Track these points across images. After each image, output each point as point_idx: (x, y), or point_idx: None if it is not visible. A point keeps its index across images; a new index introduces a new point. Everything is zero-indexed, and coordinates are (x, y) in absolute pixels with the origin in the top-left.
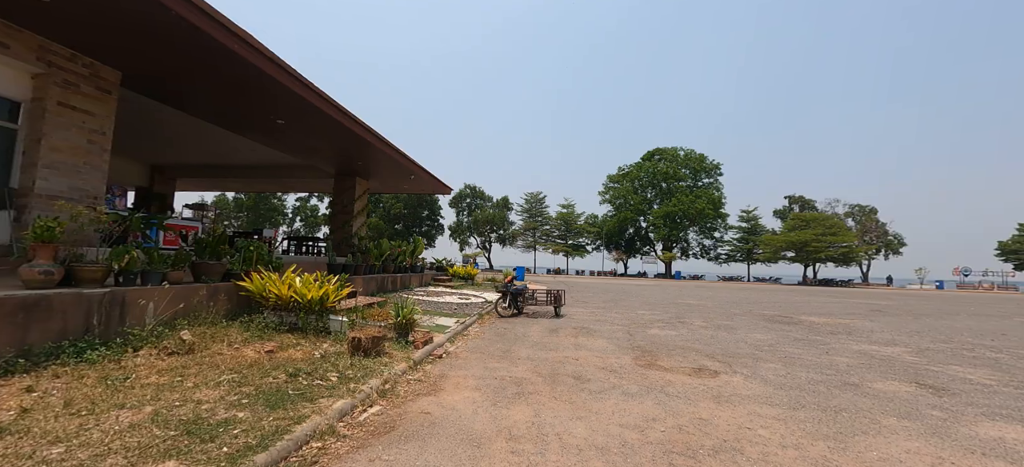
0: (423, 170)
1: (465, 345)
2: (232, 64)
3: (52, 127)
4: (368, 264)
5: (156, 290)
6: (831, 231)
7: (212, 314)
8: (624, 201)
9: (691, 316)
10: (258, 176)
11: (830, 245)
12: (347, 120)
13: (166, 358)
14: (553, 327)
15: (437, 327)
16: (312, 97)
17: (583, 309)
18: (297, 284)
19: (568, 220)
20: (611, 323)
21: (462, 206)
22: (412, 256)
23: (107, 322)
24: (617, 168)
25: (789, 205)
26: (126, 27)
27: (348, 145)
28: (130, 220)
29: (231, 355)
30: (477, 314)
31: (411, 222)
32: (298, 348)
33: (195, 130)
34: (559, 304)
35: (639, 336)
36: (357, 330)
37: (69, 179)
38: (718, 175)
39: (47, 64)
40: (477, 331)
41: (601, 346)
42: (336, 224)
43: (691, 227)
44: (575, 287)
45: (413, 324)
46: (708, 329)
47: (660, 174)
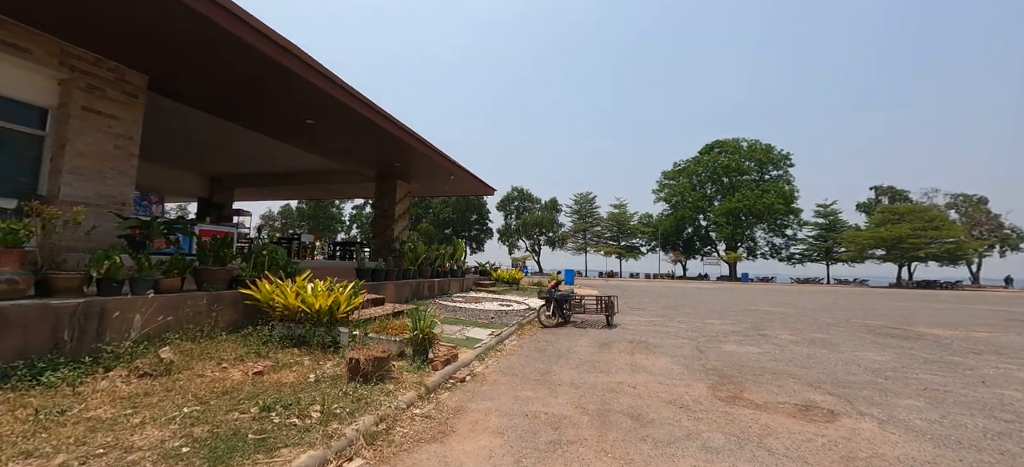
0: (463, 169)
1: (496, 364)
2: (257, 62)
3: (76, 132)
4: (401, 269)
5: (149, 300)
6: (932, 225)
7: (210, 326)
8: (681, 199)
9: (773, 326)
10: (305, 183)
11: (931, 241)
12: (376, 115)
13: (135, 381)
14: (604, 340)
15: (467, 340)
16: (338, 92)
17: (639, 317)
18: (307, 292)
19: (620, 220)
20: (674, 336)
21: (510, 209)
22: (451, 259)
23: (81, 337)
24: (672, 164)
25: (876, 197)
26: (150, 30)
27: (383, 145)
28: (151, 225)
29: (212, 378)
30: (516, 324)
31: (460, 226)
32: (295, 368)
33: (239, 139)
34: (611, 312)
35: (712, 353)
36: (358, 348)
37: (94, 185)
38: (788, 166)
39: (70, 69)
40: (514, 345)
41: (665, 367)
42: (378, 228)
43: (758, 224)
44: (629, 291)
45: (432, 339)
46: (800, 344)
47: (721, 168)
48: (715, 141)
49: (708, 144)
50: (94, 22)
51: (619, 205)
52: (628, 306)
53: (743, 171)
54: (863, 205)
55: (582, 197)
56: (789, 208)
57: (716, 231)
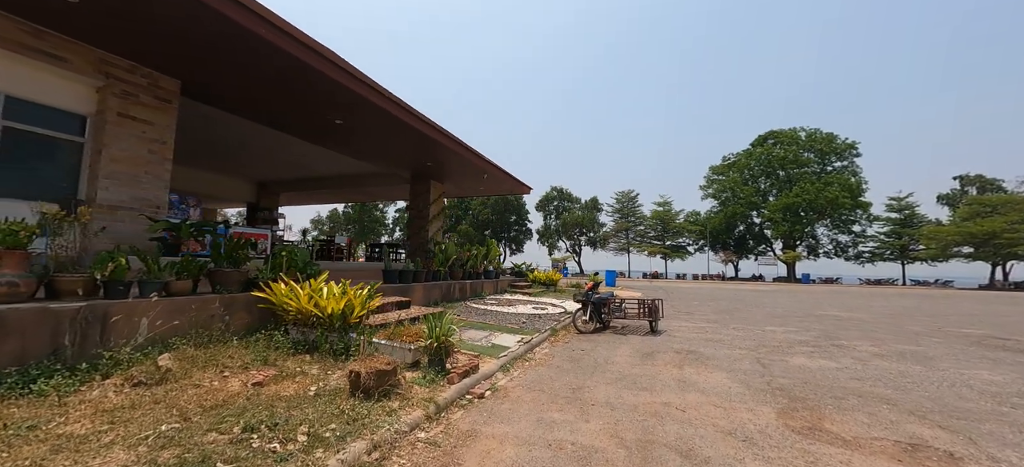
0: (497, 167)
1: (523, 376)
2: (287, 64)
3: (112, 138)
4: (431, 270)
5: (154, 303)
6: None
7: (221, 330)
8: (732, 194)
9: (848, 335)
10: (343, 186)
11: None
12: (405, 113)
13: (128, 391)
14: (647, 349)
15: (492, 348)
16: (366, 91)
17: (688, 323)
18: (322, 295)
19: (665, 219)
20: (730, 345)
21: (549, 209)
22: (485, 260)
23: (82, 342)
24: (721, 158)
25: (961, 188)
26: (182, 36)
27: (413, 143)
28: (180, 228)
29: (208, 389)
30: (549, 330)
31: (499, 227)
32: (298, 378)
33: (278, 144)
34: (656, 317)
35: (777, 368)
36: (363, 358)
37: (130, 189)
38: (854, 156)
39: (106, 76)
40: (545, 354)
41: (720, 385)
42: (413, 229)
43: (820, 221)
44: (676, 293)
45: (449, 348)
46: (887, 358)
47: (776, 160)
48: (769, 132)
49: (761, 135)
50: (129, 30)
51: (663, 203)
52: (675, 310)
53: (801, 163)
54: (946, 197)
55: (624, 195)
56: (856, 202)
57: (771, 228)
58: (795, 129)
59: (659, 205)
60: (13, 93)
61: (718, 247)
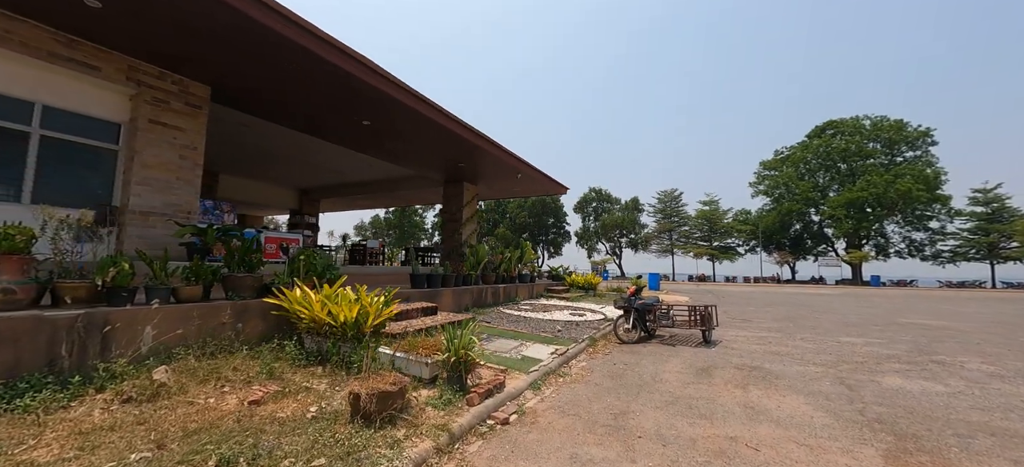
0: (531, 167)
1: (556, 396)
2: (315, 66)
3: (144, 144)
4: (462, 274)
5: (159, 310)
6: None
7: (231, 339)
8: (786, 190)
9: (947, 349)
10: (378, 191)
11: None
12: (431, 110)
13: (116, 407)
14: (702, 363)
15: (522, 361)
16: (393, 89)
17: (746, 332)
18: (335, 301)
19: (711, 218)
20: (801, 359)
21: (587, 211)
22: (519, 263)
23: (81, 352)
24: (773, 152)
25: None
26: (212, 41)
27: (444, 144)
28: (206, 233)
29: (200, 407)
30: (587, 339)
31: (537, 230)
32: (301, 395)
33: (313, 149)
34: (709, 326)
35: (868, 393)
36: (364, 377)
37: (162, 195)
38: (929, 145)
39: (137, 84)
40: (582, 368)
41: (798, 413)
42: (446, 233)
43: (889, 216)
44: (728, 298)
45: (470, 363)
46: (1010, 380)
47: (837, 152)
48: (828, 121)
49: (818, 126)
50: (157, 37)
51: (709, 201)
52: (729, 317)
53: (866, 154)
54: None
55: (666, 195)
56: (933, 195)
57: (833, 226)
58: (857, 117)
59: (705, 204)
60: (50, 103)
61: (772, 248)
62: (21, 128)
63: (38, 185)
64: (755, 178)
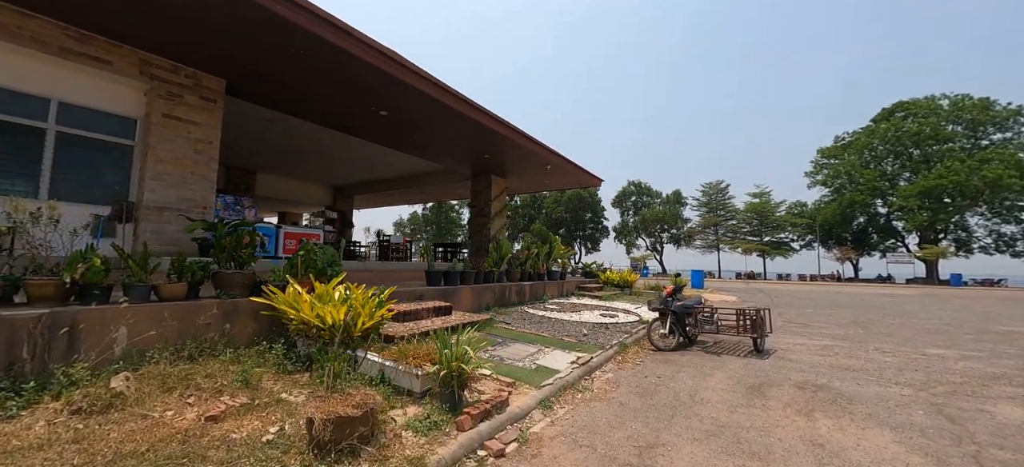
0: (561, 157)
1: (570, 417)
2: (331, 55)
3: (158, 139)
4: (483, 271)
5: (132, 309)
6: None
7: (214, 341)
8: (848, 179)
9: None
10: (408, 186)
11: None
12: (449, 97)
13: (62, 421)
14: (753, 378)
15: (535, 372)
16: (412, 77)
17: (806, 340)
18: (329, 300)
19: (762, 211)
20: (879, 377)
21: (626, 205)
22: (547, 259)
23: (47, 355)
24: (833, 139)
25: None
26: (225, 33)
27: (468, 133)
28: (216, 228)
29: (153, 422)
30: (616, 345)
31: (574, 226)
32: (268, 410)
33: (339, 145)
34: (761, 333)
35: (981, 427)
36: (325, 396)
37: (177, 190)
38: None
39: (150, 77)
40: (606, 382)
41: (886, 455)
42: (474, 228)
43: (973, 207)
44: (781, 298)
45: (465, 378)
46: None
47: (908, 136)
48: (897, 103)
49: (886, 108)
50: (169, 29)
51: (759, 193)
52: (784, 320)
53: (944, 138)
54: None
55: (712, 187)
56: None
57: (904, 218)
58: (932, 97)
59: (754, 196)
60: (66, 99)
61: (831, 243)
62: (37, 124)
63: (55, 181)
64: (812, 167)
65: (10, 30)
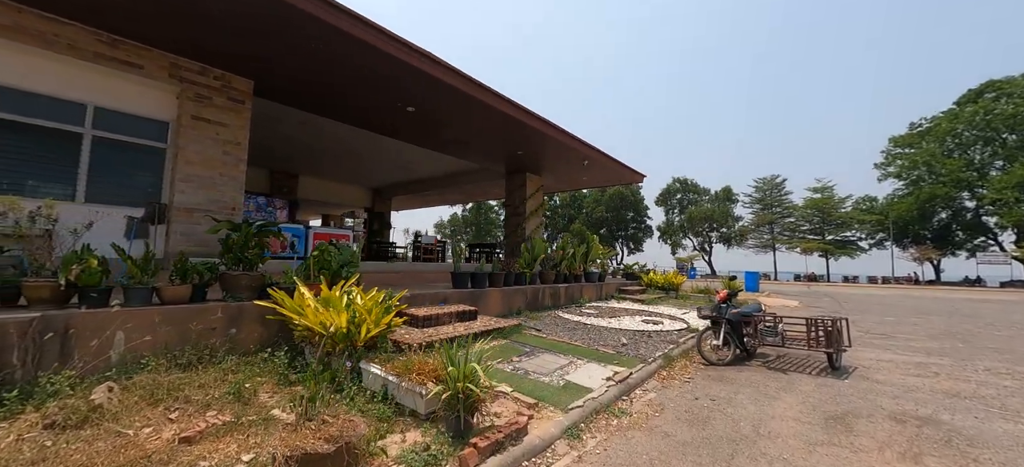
0: (598, 152)
1: (602, 454)
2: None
3: (188, 140)
4: (514, 272)
5: (128, 313)
6: None
7: (217, 347)
8: (927, 170)
9: None
10: (445, 187)
11: None
12: (479, 90)
13: (32, 436)
14: (833, 405)
15: (563, 389)
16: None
17: (893, 355)
18: (334, 304)
19: (824, 208)
20: (1005, 408)
21: (671, 203)
22: (585, 260)
23: (40, 360)
24: (907, 126)
25: None
26: (256, 34)
27: (498, 129)
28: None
29: (124, 442)
30: (660, 358)
31: (615, 225)
32: (252, 432)
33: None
34: (838, 346)
35: None
36: (291, 430)
37: (206, 191)
38: None
39: (179, 80)
40: (648, 405)
41: None
42: (510, 228)
43: None
44: (851, 302)
45: (472, 402)
46: None
47: (1002, 120)
48: (987, 83)
49: (973, 90)
50: (201, 33)
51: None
52: (861, 330)
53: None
54: None
55: (766, 182)
56: None
57: (999, 213)
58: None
59: (815, 190)
60: (101, 103)
61: (907, 241)
62: (74, 129)
63: (91, 184)
64: (883, 158)
65: (47, 37)
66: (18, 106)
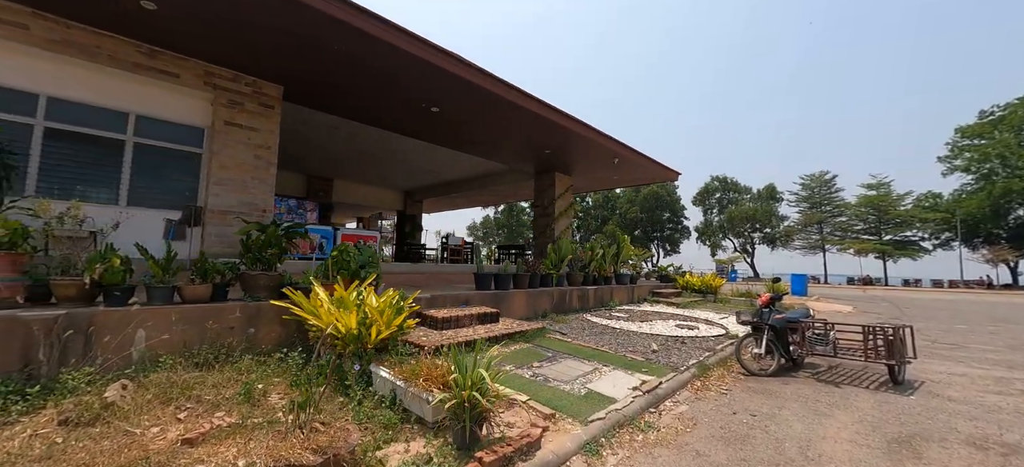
0: (629, 149)
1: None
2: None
3: (221, 145)
4: (540, 274)
5: (148, 311)
6: None
7: (233, 346)
8: (1001, 163)
9: None
10: (474, 188)
11: None
12: (502, 87)
13: (46, 432)
14: (895, 426)
15: (585, 399)
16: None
17: (964, 368)
18: (347, 304)
19: (881, 205)
20: None
21: (709, 203)
22: (615, 261)
23: (62, 357)
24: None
25: None
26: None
27: (524, 127)
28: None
29: (131, 442)
30: (694, 366)
31: (650, 226)
32: (254, 436)
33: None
34: (901, 357)
35: None
36: (279, 436)
37: (238, 194)
38: None
39: (213, 87)
40: (678, 418)
41: None
42: (538, 228)
43: None
44: (913, 310)
45: (479, 412)
46: None
47: None
48: None
49: None
50: (233, 42)
51: (877, 184)
52: (926, 339)
53: None
54: None
55: (815, 178)
56: None
57: None
58: None
59: (870, 187)
60: (142, 112)
61: (978, 241)
62: (117, 137)
63: (133, 189)
64: (949, 150)
65: (90, 49)
66: (68, 116)
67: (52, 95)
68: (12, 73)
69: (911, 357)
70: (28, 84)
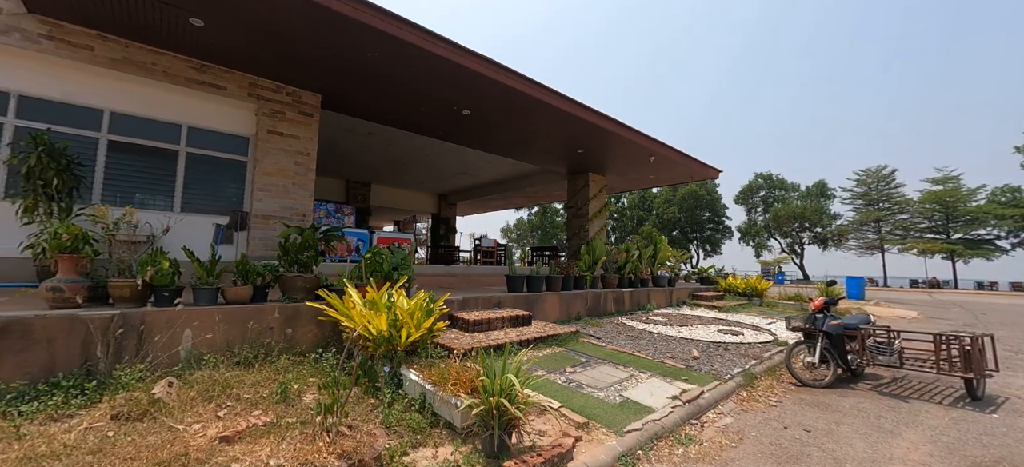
0: (665, 147)
1: None
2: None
3: (264, 153)
4: (574, 276)
5: (193, 311)
6: None
7: (272, 346)
8: None
9: None
10: (507, 190)
11: None
12: (535, 88)
13: (100, 425)
14: (976, 449)
15: (620, 408)
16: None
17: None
18: (378, 305)
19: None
20: None
21: (753, 201)
22: (652, 262)
23: (117, 353)
24: None
25: None
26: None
27: (555, 127)
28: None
29: (173, 437)
30: (740, 374)
31: (688, 227)
32: (287, 436)
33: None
34: (980, 369)
35: None
36: (306, 439)
37: (280, 199)
38: None
39: (257, 98)
40: (722, 432)
41: None
42: (572, 229)
43: None
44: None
45: (507, 419)
46: None
47: None
48: None
49: None
50: (276, 55)
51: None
52: (1008, 350)
53: None
54: None
55: (872, 173)
56: None
57: None
58: None
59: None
60: (193, 123)
61: None
62: (172, 147)
63: (186, 195)
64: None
65: (147, 67)
66: (129, 129)
67: (115, 110)
68: (81, 91)
69: (992, 369)
70: (95, 101)
